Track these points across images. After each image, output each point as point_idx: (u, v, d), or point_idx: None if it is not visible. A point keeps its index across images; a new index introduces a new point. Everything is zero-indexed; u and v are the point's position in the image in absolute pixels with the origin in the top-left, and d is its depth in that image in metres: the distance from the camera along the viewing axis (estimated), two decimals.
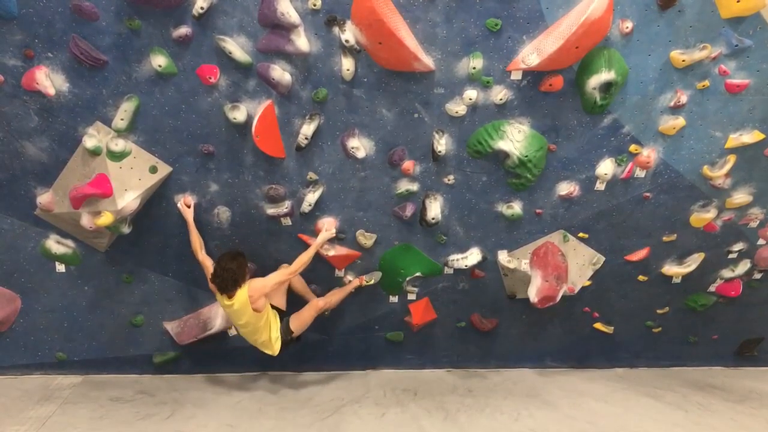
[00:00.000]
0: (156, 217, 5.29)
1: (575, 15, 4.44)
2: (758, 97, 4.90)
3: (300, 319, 5.41)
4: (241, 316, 5.03)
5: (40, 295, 5.59)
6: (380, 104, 4.91)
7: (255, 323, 5.10)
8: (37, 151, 4.91)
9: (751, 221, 5.58)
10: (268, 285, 5.07)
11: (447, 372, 6.33)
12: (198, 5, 4.43)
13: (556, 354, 6.42)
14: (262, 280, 5.08)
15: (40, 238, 5.35)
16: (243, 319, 5.05)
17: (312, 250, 5.16)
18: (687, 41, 4.70)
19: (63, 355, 5.83)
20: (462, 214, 5.46)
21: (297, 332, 5.41)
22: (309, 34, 4.60)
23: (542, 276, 5.42)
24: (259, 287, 5.01)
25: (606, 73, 4.64)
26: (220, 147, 5.02)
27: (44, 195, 5.08)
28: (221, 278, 4.89)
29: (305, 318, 5.43)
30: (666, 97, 4.91)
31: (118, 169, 4.84)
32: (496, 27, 4.61)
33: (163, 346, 5.90)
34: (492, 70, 4.78)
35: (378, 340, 6.15)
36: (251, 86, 4.78)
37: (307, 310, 5.46)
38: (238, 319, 5.08)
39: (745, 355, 6.54)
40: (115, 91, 4.73)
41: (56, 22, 4.45)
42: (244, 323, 5.09)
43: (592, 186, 5.30)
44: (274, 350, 5.31)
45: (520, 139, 4.98)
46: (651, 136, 5.08)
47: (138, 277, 5.62)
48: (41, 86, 4.58)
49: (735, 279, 5.94)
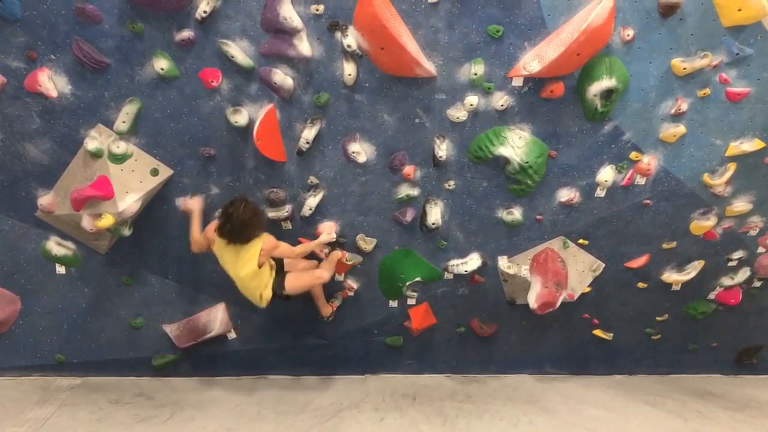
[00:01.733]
0: (157, 219, 5.29)
1: (577, 22, 4.46)
2: (759, 106, 4.91)
3: (298, 282, 5.11)
4: (243, 268, 4.79)
5: (40, 297, 5.59)
6: (381, 109, 4.92)
7: (252, 278, 4.86)
8: (39, 153, 4.93)
9: (751, 229, 5.58)
10: (277, 250, 4.90)
11: (446, 377, 6.32)
12: (201, 9, 4.45)
13: (555, 360, 6.41)
14: (275, 242, 4.90)
15: (41, 239, 5.35)
16: (243, 271, 4.80)
17: (310, 246, 5.10)
18: (688, 49, 4.72)
19: (62, 356, 5.83)
20: (462, 220, 5.46)
21: (289, 292, 5.09)
22: (311, 38, 4.63)
23: (542, 282, 5.42)
24: (271, 247, 4.84)
25: (607, 81, 4.66)
26: (221, 150, 5.04)
27: (45, 197, 5.09)
28: (235, 226, 4.57)
29: (303, 283, 5.14)
30: (667, 104, 4.92)
31: (120, 171, 4.85)
32: (498, 33, 4.63)
33: (163, 348, 5.90)
34: (493, 76, 4.80)
35: (377, 345, 6.15)
36: (253, 90, 4.80)
37: (309, 276, 5.19)
38: (240, 270, 4.80)
39: (744, 363, 6.53)
40: (118, 93, 4.75)
41: (59, 24, 4.47)
42: (243, 275, 4.83)
43: (593, 193, 5.31)
44: (262, 305, 5.06)
45: (520, 145, 4.99)
46: (651, 144, 5.09)
47: (138, 279, 5.63)
48: (44, 88, 4.60)
49: (735, 287, 5.93)
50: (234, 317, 5.84)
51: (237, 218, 4.54)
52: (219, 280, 5.61)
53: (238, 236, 4.63)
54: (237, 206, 4.59)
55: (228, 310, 5.80)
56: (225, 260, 4.87)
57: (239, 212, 4.56)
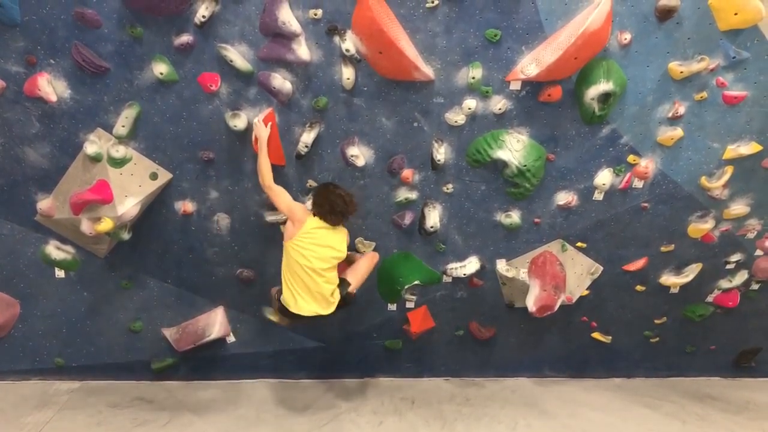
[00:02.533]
0: (156, 223, 5.30)
1: (574, 26, 4.48)
2: (756, 109, 4.93)
3: (357, 275, 5.17)
4: (330, 258, 4.83)
5: (39, 301, 5.60)
6: (380, 113, 4.94)
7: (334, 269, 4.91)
8: (38, 157, 4.94)
9: (748, 232, 5.59)
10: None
11: (445, 380, 6.33)
12: (200, 14, 4.47)
13: (554, 363, 6.42)
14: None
15: (40, 243, 5.36)
16: (330, 261, 4.83)
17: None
18: (685, 53, 4.73)
19: (61, 360, 5.83)
20: (461, 223, 5.47)
21: (355, 286, 5.12)
22: (310, 43, 4.64)
23: (540, 285, 5.43)
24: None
25: (604, 84, 4.67)
26: (220, 154, 5.05)
27: (44, 201, 5.09)
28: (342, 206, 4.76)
29: (363, 273, 5.21)
30: (664, 108, 4.94)
31: (119, 175, 4.85)
32: (496, 38, 4.65)
33: (162, 352, 5.90)
34: (491, 80, 4.81)
35: (376, 348, 6.15)
36: (252, 94, 4.82)
37: (365, 263, 5.25)
38: (327, 260, 4.81)
39: (742, 366, 6.54)
40: (117, 98, 4.76)
41: (59, 29, 4.48)
42: (327, 266, 4.81)
43: (591, 196, 5.32)
44: (331, 308, 4.95)
45: (518, 149, 5.01)
46: (649, 147, 5.10)
47: (137, 283, 5.63)
48: (43, 93, 4.61)
49: (733, 289, 5.94)
50: (233, 321, 5.84)
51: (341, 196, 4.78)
52: (218, 284, 5.65)
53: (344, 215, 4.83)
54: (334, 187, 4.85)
55: (227, 313, 5.80)
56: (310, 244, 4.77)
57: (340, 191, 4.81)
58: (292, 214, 4.81)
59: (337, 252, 4.87)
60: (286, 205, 4.82)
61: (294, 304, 4.87)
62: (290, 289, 4.86)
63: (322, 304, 4.88)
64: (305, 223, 4.78)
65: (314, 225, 4.79)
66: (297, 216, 4.80)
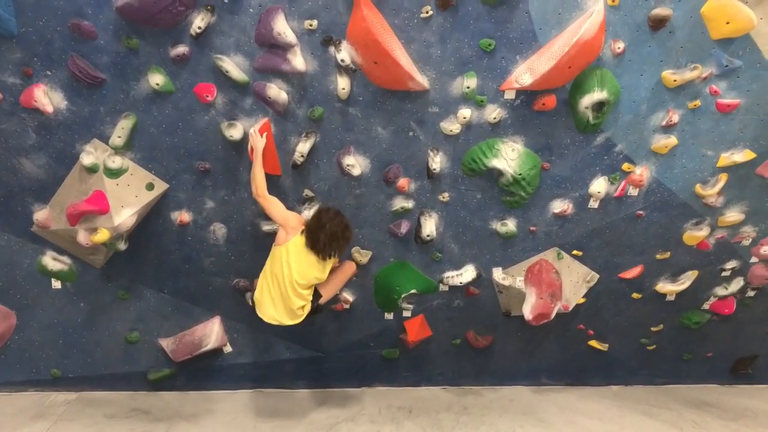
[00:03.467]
0: (152, 233, 5.30)
1: (567, 35, 4.51)
2: (749, 117, 4.95)
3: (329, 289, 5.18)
4: (312, 278, 4.86)
5: (36, 312, 5.59)
6: (375, 122, 4.96)
7: (310, 286, 4.94)
8: (35, 168, 4.95)
9: (743, 239, 5.61)
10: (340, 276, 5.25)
11: (442, 389, 6.32)
12: (196, 25, 4.49)
13: (551, 371, 6.42)
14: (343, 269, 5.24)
15: (37, 254, 5.36)
16: (310, 281, 4.87)
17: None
18: (678, 61, 4.77)
19: (58, 371, 5.82)
20: (457, 232, 5.49)
21: (325, 298, 5.16)
22: (305, 53, 4.66)
23: (537, 293, 5.44)
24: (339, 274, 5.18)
25: (598, 93, 4.70)
26: (216, 164, 5.06)
27: (41, 211, 5.10)
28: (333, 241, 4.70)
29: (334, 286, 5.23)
30: (658, 116, 4.97)
31: (115, 186, 4.86)
32: (490, 47, 4.67)
33: (159, 362, 5.89)
34: (486, 89, 4.84)
35: (373, 358, 6.15)
36: (248, 104, 4.83)
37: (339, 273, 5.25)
38: (308, 280, 4.84)
39: (739, 373, 6.55)
40: (113, 108, 4.77)
41: (55, 40, 4.50)
42: (305, 283, 4.85)
43: (586, 204, 5.34)
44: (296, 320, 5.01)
45: (513, 158, 5.03)
46: (643, 155, 5.13)
47: (134, 293, 5.63)
48: (39, 104, 4.62)
49: (728, 297, 5.95)
50: (229, 331, 5.84)
51: (336, 232, 4.70)
52: (214, 294, 5.65)
53: (329, 252, 4.75)
54: (335, 218, 4.75)
55: (223, 323, 5.80)
56: (295, 262, 4.79)
57: (339, 226, 4.73)
58: (286, 222, 4.82)
59: (320, 276, 4.93)
60: (281, 215, 4.83)
61: (260, 306, 4.97)
62: (264, 290, 4.93)
63: (288, 316, 4.98)
64: (296, 237, 4.80)
65: (302, 245, 4.79)
66: (291, 224, 4.82)
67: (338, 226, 4.73)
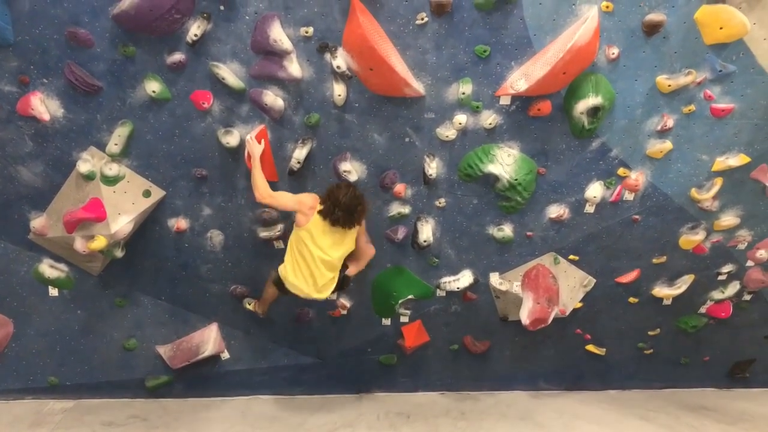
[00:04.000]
0: (149, 240, 5.31)
1: (562, 41, 4.53)
2: (743, 121, 4.98)
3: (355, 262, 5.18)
4: (339, 249, 4.82)
5: (33, 320, 5.58)
6: (372, 129, 4.97)
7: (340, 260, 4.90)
8: (32, 176, 4.95)
9: (739, 243, 5.62)
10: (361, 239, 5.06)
11: (440, 395, 6.32)
12: (192, 32, 4.51)
13: (548, 376, 6.42)
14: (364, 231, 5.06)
15: (34, 262, 5.36)
16: (338, 253, 4.83)
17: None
18: (672, 67, 4.79)
19: (55, 379, 5.81)
20: (453, 237, 5.50)
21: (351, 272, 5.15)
22: (301, 60, 4.68)
23: (534, 298, 5.45)
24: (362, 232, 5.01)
25: (593, 98, 4.72)
26: (213, 171, 5.07)
27: (38, 219, 5.10)
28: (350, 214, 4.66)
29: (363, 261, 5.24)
30: (653, 121, 4.99)
31: (112, 193, 4.88)
32: (485, 53, 4.69)
33: (156, 370, 5.88)
34: (481, 95, 4.85)
35: (371, 364, 6.15)
36: (244, 111, 4.85)
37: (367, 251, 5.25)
38: (336, 251, 4.80)
39: (737, 377, 6.55)
40: (110, 116, 4.79)
41: (52, 49, 4.52)
42: (338, 256, 4.84)
43: (582, 209, 5.35)
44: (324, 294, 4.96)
45: (509, 163, 5.04)
46: (639, 160, 5.15)
47: (131, 300, 5.63)
48: (36, 112, 4.64)
49: (725, 301, 5.96)
50: (227, 337, 5.84)
51: (350, 200, 4.63)
52: (212, 301, 5.64)
53: (350, 221, 4.69)
54: (346, 189, 4.68)
55: (221, 330, 5.80)
56: (320, 240, 4.75)
57: (351, 194, 4.65)
58: (302, 206, 4.74)
59: (348, 247, 4.88)
60: (293, 202, 4.76)
61: (287, 281, 4.90)
62: (293, 269, 4.85)
63: (317, 290, 4.91)
64: (315, 217, 4.72)
65: (317, 225, 4.72)
66: (308, 205, 4.74)
67: (352, 198, 4.66)
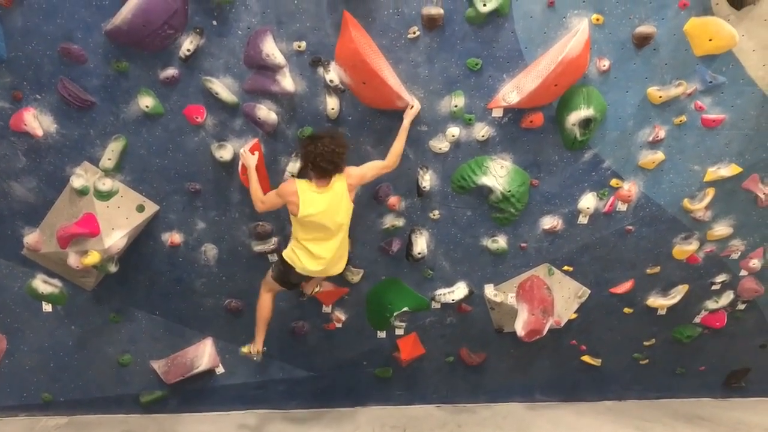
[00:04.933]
0: (143, 255, 5.30)
1: (553, 54, 4.56)
2: (734, 132, 5.01)
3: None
4: (338, 211, 4.53)
5: (26, 335, 5.56)
6: (365, 141, 4.98)
7: (347, 221, 4.64)
8: (25, 192, 4.95)
9: (732, 253, 5.64)
10: (368, 174, 4.68)
11: (436, 407, 6.30)
12: (185, 47, 4.52)
13: (544, 387, 6.41)
14: (358, 168, 4.65)
15: (27, 277, 5.34)
16: (339, 216, 4.55)
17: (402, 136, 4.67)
18: (663, 78, 4.82)
19: (49, 395, 5.78)
20: (448, 249, 5.50)
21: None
22: (294, 74, 4.69)
23: (528, 309, 5.44)
24: (357, 174, 4.62)
25: (585, 110, 4.74)
26: (207, 185, 5.07)
27: (31, 235, 5.08)
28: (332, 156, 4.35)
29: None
30: (644, 132, 5.01)
31: (106, 208, 4.87)
32: (477, 66, 4.72)
33: (151, 385, 5.86)
34: (474, 107, 4.88)
35: (366, 377, 6.13)
36: (238, 125, 4.86)
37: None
38: (338, 215, 4.54)
39: (732, 386, 6.55)
40: (103, 131, 4.79)
41: (45, 64, 4.52)
42: (344, 221, 4.62)
43: (575, 220, 5.37)
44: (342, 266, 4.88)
45: (502, 175, 5.06)
46: (631, 171, 5.17)
47: (125, 315, 5.61)
48: (29, 127, 4.63)
49: (719, 310, 5.97)
50: (221, 351, 5.82)
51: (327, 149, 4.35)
52: (206, 315, 5.63)
53: (329, 169, 4.42)
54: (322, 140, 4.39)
55: (215, 344, 5.78)
56: (318, 210, 4.49)
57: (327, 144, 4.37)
58: (284, 194, 4.56)
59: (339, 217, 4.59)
60: (275, 195, 4.63)
61: (297, 264, 4.72)
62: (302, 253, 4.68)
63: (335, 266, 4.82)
64: (298, 192, 4.50)
65: (305, 193, 4.50)
66: (288, 190, 4.54)
67: (326, 143, 4.39)
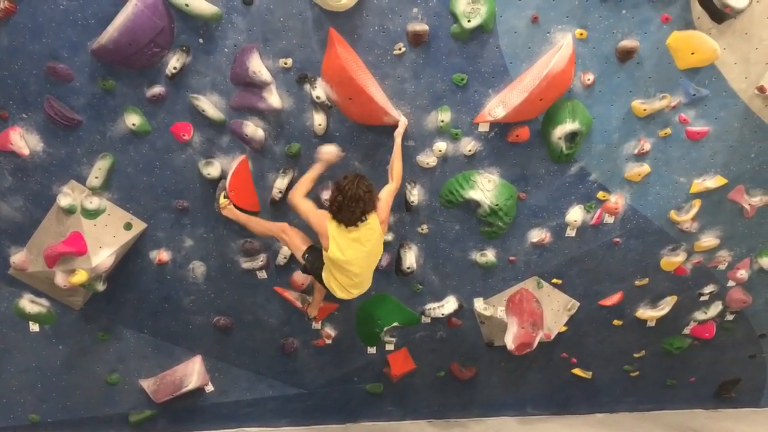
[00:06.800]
0: (131, 273, 5.28)
1: (538, 68, 4.60)
2: (719, 143, 5.05)
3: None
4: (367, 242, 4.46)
5: (14, 356, 5.51)
6: (353, 157, 5.00)
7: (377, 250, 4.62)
8: (11, 211, 4.92)
9: (719, 263, 5.67)
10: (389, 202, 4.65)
11: (428, 423, 6.27)
12: (171, 65, 4.53)
13: (536, 401, 6.40)
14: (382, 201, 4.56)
15: (14, 297, 5.29)
16: (369, 245, 4.47)
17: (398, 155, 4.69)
18: (647, 91, 4.87)
19: (36, 416, 5.72)
20: (437, 263, 5.51)
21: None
22: (281, 91, 4.70)
23: (518, 323, 5.45)
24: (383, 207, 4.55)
25: (570, 124, 4.78)
26: (194, 202, 5.07)
27: (18, 254, 5.05)
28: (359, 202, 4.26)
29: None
30: (630, 145, 5.05)
31: (93, 226, 4.85)
32: (463, 82, 4.75)
33: (140, 404, 5.81)
34: (460, 122, 4.90)
35: (357, 393, 6.11)
36: (225, 142, 4.86)
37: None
38: (362, 247, 4.45)
39: (723, 397, 6.56)
40: (90, 149, 4.78)
41: (31, 83, 4.51)
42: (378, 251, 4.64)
43: (563, 233, 5.39)
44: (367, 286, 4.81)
45: (490, 189, 5.08)
46: (618, 183, 5.20)
47: (113, 334, 5.57)
48: (15, 147, 4.62)
49: (708, 321, 5.99)
50: (211, 369, 5.78)
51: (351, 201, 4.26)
52: (195, 333, 5.60)
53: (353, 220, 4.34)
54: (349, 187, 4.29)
55: (204, 362, 5.74)
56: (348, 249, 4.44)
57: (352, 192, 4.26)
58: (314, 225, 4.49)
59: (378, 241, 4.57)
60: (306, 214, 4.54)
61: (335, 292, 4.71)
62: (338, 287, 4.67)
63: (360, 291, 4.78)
64: (331, 225, 4.43)
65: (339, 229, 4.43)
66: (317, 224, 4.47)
67: (354, 186, 4.29)
